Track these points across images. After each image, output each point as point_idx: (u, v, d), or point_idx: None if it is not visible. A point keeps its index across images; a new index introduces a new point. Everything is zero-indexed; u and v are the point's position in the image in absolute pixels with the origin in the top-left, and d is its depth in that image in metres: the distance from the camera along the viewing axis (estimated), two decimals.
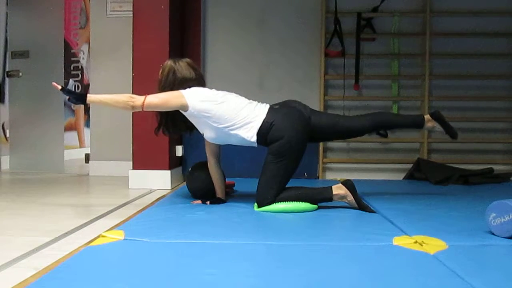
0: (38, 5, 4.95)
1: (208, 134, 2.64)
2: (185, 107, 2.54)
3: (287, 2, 4.40)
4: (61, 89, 2.44)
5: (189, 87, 2.64)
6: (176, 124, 2.73)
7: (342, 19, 4.22)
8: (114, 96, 2.51)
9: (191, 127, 2.75)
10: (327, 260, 1.64)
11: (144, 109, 2.51)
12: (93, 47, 4.60)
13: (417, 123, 2.89)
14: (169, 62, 2.71)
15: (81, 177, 4.44)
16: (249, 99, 2.73)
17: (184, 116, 2.65)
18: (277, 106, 2.65)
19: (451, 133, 2.91)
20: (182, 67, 2.69)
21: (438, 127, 2.89)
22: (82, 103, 2.55)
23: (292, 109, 2.63)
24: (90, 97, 2.50)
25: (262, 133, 2.54)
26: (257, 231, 2.14)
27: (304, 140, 2.59)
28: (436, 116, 2.86)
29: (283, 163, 2.54)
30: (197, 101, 2.54)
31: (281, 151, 2.52)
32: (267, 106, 2.66)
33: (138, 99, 2.49)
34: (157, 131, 2.75)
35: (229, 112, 2.54)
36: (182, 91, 2.58)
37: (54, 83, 2.47)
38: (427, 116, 2.89)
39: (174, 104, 2.54)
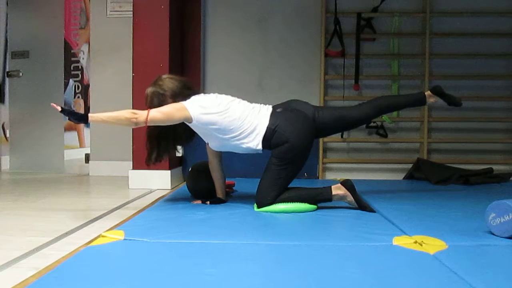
0: (38, 5, 4.95)
1: (213, 144, 2.63)
2: (189, 119, 2.50)
3: (287, 2, 4.40)
4: (61, 111, 2.33)
5: (188, 95, 2.59)
6: (168, 148, 2.68)
7: (342, 19, 4.23)
8: (116, 114, 2.41)
9: (186, 140, 2.76)
10: (327, 260, 1.64)
11: (148, 124, 2.45)
12: (93, 47, 4.60)
13: (419, 100, 2.91)
14: (149, 90, 2.61)
15: (81, 177, 4.45)
16: (249, 99, 2.72)
17: (179, 130, 2.63)
18: (279, 109, 2.61)
19: (455, 103, 2.93)
20: (165, 82, 2.60)
21: (440, 101, 2.91)
22: (84, 123, 2.50)
23: (295, 111, 2.60)
24: (92, 116, 2.40)
25: (267, 139, 2.53)
26: (257, 231, 2.14)
27: (308, 143, 2.58)
28: (436, 91, 2.87)
29: (286, 167, 2.53)
30: (200, 114, 2.48)
31: (284, 155, 2.52)
32: (270, 109, 2.63)
33: (141, 115, 2.41)
34: (149, 161, 2.66)
35: (234, 123, 2.50)
36: (184, 103, 2.51)
37: (53, 104, 2.35)
38: (428, 93, 2.90)
39: (177, 118, 2.48)
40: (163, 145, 2.66)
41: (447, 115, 4.27)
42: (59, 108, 2.32)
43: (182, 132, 2.69)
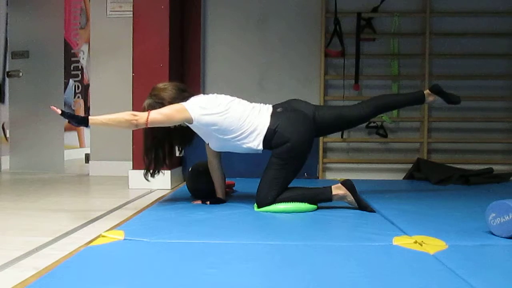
0: (38, 5, 4.95)
1: (214, 144, 2.63)
2: (190, 120, 2.50)
3: (287, 2, 4.40)
4: (61, 114, 2.32)
5: (186, 97, 2.60)
6: (164, 158, 2.70)
7: (342, 19, 4.23)
8: (116, 116, 2.40)
9: (183, 145, 2.81)
10: (327, 260, 1.64)
11: (148, 126, 2.45)
12: (93, 47, 4.60)
13: (418, 99, 2.91)
14: (146, 102, 2.61)
15: (81, 177, 4.44)
16: (249, 99, 2.72)
17: (175, 136, 2.68)
18: (280, 109, 2.62)
19: (454, 101, 2.92)
20: (160, 92, 2.60)
21: (439, 99, 2.91)
22: (85, 126, 2.50)
23: (295, 111, 2.60)
24: (92, 119, 2.39)
25: (267, 139, 2.53)
26: (257, 231, 2.14)
27: (308, 143, 2.58)
28: (435, 90, 2.87)
29: (286, 166, 2.53)
30: (201, 115, 2.49)
31: (285, 155, 2.52)
32: (270, 108, 2.63)
33: (141, 117, 2.41)
34: (146, 175, 2.72)
35: (234, 123, 2.51)
36: (184, 104, 2.51)
37: (53, 107, 2.34)
38: (426, 91, 2.90)
39: (178, 119, 2.48)
40: (160, 154, 2.68)
41: (447, 115, 4.27)
42: (59, 111, 2.32)
43: (178, 138, 2.73)
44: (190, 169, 2.96)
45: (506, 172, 4.10)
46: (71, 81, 6.60)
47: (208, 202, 2.71)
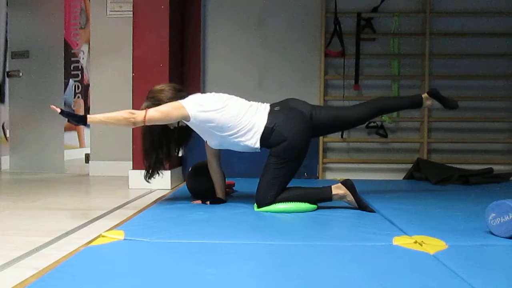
0: (38, 5, 4.95)
1: (212, 142, 2.63)
2: (187, 118, 2.50)
3: (287, 2, 4.40)
4: (60, 112, 2.33)
5: (184, 96, 2.60)
6: (162, 159, 2.71)
7: (342, 19, 4.23)
8: (114, 115, 2.41)
9: (181, 145, 2.82)
10: (327, 260, 1.64)
11: (146, 124, 2.46)
12: (93, 47, 4.61)
13: (416, 103, 2.94)
14: (144, 105, 2.60)
15: (81, 177, 4.45)
16: (248, 99, 2.73)
17: (174, 136, 2.69)
18: (277, 108, 2.62)
19: (451, 106, 2.95)
20: (157, 94, 2.61)
21: (436, 103, 2.93)
22: (84, 124, 2.51)
23: (293, 110, 2.61)
24: (90, 117, 2.40)
25: (265, 138, 2.54)
26: (257, 231, 2.14)
27: (306, 141, 2.59)
28: (433, 94, 2.90)
29: (284, 165, 2.53)
30: (198, 112, 2.49)
31: (283, 154, 2.52)
32: (268, 107, 2.64)
33: (139, 115, 2.42)
34: (148, 178, 2.75)
35: (231, 120, 2.51)
36: (182, 102, 2.52)
37: (53, 106, 2.35)
38: (424, 95, 2.92)
39: (175, 116, 2.49)
40: (159, 156, 2.69)
41: (447, 115, 4.27)
42: (59, 110, 2.33)
43: (175, 139, 2.74)
44: (190, 169, 2.97)
45: (506, 172, 4.10)
46: (71, 81, 6.60)
47: (208, 202, 2.71)
